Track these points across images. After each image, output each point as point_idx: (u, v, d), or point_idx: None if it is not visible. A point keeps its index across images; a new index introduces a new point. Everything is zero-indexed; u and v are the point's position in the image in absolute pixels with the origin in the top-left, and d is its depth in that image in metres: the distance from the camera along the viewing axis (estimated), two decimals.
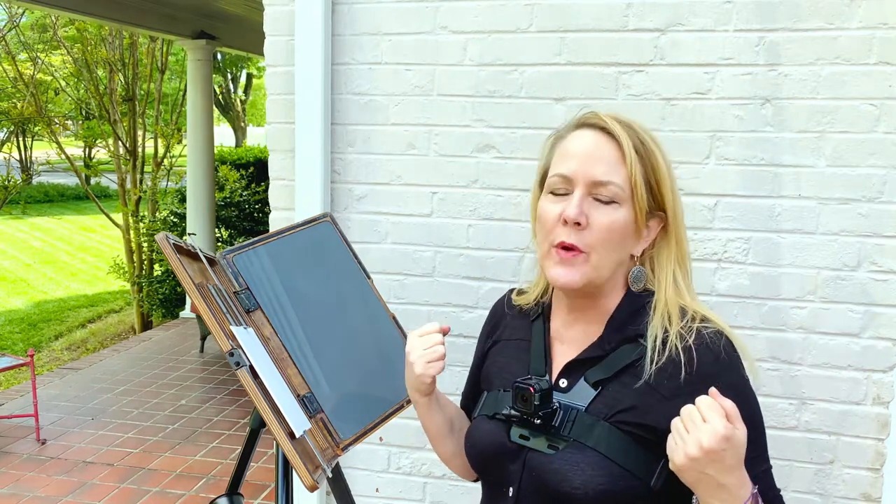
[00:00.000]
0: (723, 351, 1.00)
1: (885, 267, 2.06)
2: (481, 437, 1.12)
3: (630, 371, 1.02)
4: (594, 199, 1.01)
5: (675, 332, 1.00)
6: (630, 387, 1.01)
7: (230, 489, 1.14)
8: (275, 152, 2.44)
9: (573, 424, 1.02)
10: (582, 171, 1.01)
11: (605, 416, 1.01)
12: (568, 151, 1.04)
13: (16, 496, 3.59)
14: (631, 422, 1.00)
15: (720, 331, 1.02)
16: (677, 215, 1.06)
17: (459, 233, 2.34)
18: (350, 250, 1.28)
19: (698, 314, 1.03)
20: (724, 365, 0.99)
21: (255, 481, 3.71)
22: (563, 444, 1.01)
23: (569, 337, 1.10)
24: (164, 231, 1.05)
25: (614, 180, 1.00)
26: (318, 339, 1.19)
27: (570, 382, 1.06)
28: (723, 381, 0.97)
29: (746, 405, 0.98)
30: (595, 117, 1.05)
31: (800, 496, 2.16)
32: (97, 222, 14.61)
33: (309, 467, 1.01)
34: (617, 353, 1.04)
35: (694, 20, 2.10)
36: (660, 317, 1.02)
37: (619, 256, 1.03)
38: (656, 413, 0.99)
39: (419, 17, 2.29)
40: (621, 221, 1.01)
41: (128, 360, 5.88)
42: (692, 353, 0.99)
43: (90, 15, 6.20)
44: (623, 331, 1.05)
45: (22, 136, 10.85)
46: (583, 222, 1.00)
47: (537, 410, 1.01)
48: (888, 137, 2.02)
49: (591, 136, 1.03)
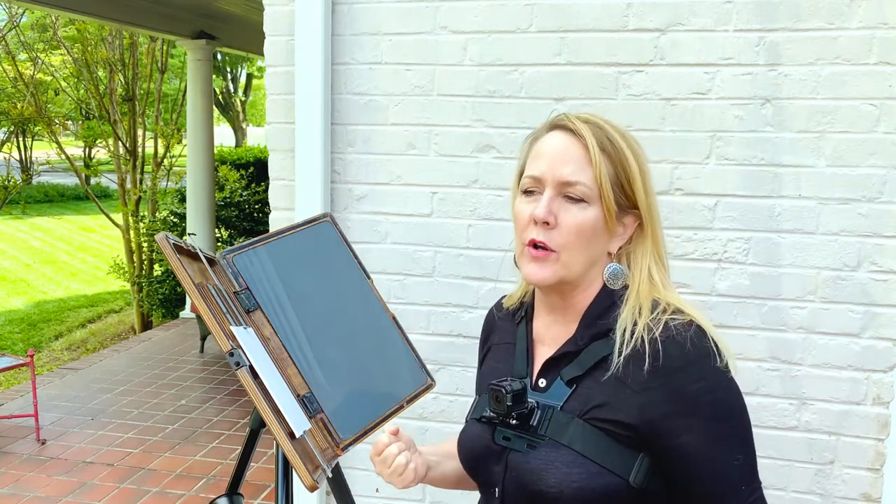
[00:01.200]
0: (688, 341, 0.99)
1: (885, 267, 2.06)
2: (470, 440, 1.14)
3: (602, 366, 1.03)
4: (564, 199, 1.03)
5: (644, 325, 1.01)
6: (602, 382, 1.02)
7: (230, 489, 1.14)
8: (275, 152, 2.44)
9: (549, 423, 1.03)
10: (550, 172, 1.03)
11: (579, 413, 1.02)
12: (539, 153, 1.06)
13: (16, 496, 3.59)
14: (604, 418, 1.00)
15: (690, 321, 1.01)
16: (652, 212, 1.07)
17: (459, 233, 2.34)
18: (350, 250, 1.28)
19: (671, 306, 1.03)
20: (691, 357, 0.98)
21: (255, 481, 3.71)
22: (539, 442, 1.03)
23: (549, 337, 1.12)
24: (163, 231, 1.05)
25: (581, 180, 1.02)
26: (318, 339, 1.19)
27: (547, 382, 1.07)
28: (690, 372, 0.98)
29: (720, 401, 0.99)
30: (564, 119, 1.07)
31: (800, 496, 2.16)
32: (97, 222, 14.61)
33: (309, 467, 1.01)
34: (589, 349, 1.05)
35: (694, 20, 2.10)
36: (629, 309, 1.03)
37: (590, 254, 1.04)
38: (628, 407, 0.99)
39: (419, 17, 2.29)
40: (591, 220, 1.02)
41: (128, 360, 5.88)
42: (657, 344, 0.99)
43: (90, 15, 6.20)
44: (595, 326, 1.05)
45: (22, 136, 10.85)
46: (551, 222, 1.02)
47: (510, 411, 1.03)
48: (888, 137, 2.02)
49: (560, 138, 1.05)
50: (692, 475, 0.99)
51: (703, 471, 0.99)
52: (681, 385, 0.98)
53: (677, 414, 0.98)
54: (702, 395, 0.98)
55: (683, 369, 0.98)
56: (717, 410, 0.99)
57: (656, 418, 0.98)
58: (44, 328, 8.86)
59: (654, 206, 1.08)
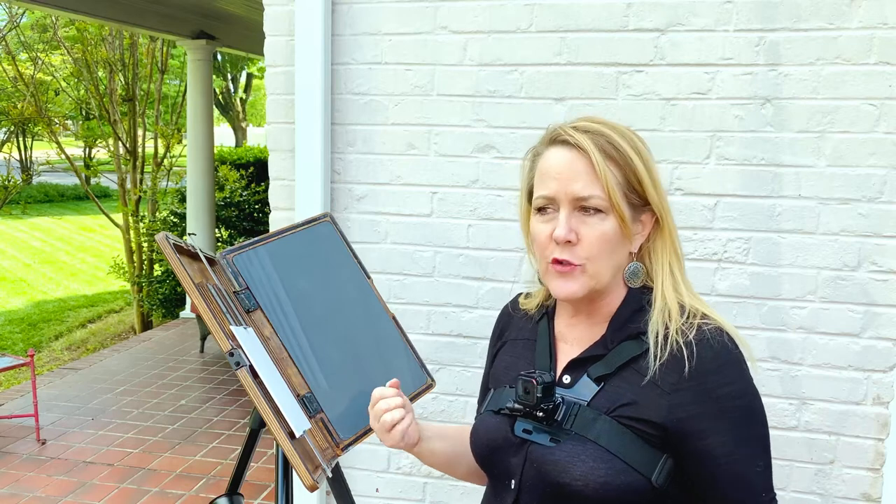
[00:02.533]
0: (723, 347, 1.02)
1: (885, 267, 2.06)
2: (486, 431, 1.14)
3: (631, 367, 1.04)
4: (581, 213, 1.03)
5: (676, 328, 1.02)
6: (631, 382, 1.03)
7: (230, 489, 1.14)
8: (275, 152, 2.44)
9: (575, 418, 1.04)
10: (563, 191, 1.03)
11: (607, 410, 1.03)
12: (545, 171, 1.07)
13: (16, 496, 3.59)
14: (631, 416, 1.02)
15: (720, 327, 1.04)
16: (665, 208, 1.08)
17: (459, 233, 2.34)
18: (350, 250, 1.28)
19: (698, 311, 1.05)
20: (724, 361, 1.01)
21: (255, 481, 3.71)
22: (564, 436, 1.03)
23: (572, 336, 1.13)
24: (164, 231, 1.05)
25: (594, 192, 1.02)
26: (318, 339, 1.19)
27: (573, 378, 1.08)
28: (722, 376, 1.00)
29: (748, 407, 1.01)
30: (562, 133, 1.06)
31: (800, 496, 2.16)
32: (97, 222, 14.61)
33: (309, 467, 1.01)
34: (618, 349, 1.06)
35: (694, 20, 2.10)
36: (659, 313, 1.04)
37: (615, 261, 1.06)
38: (656, 407, 1.01)
39: (419, 17, 2.29)
40: (611, 230, 1.03)
41: (128, 360, 5.88)
42: (693, 348, 1.01)
43: (90, 15, 6.20)
44: (625, 329, 1.07)
45: (22, 136, 10.85)
46: (573, 239, 1.03)
47: (539, 402, 1.04)
48: (888, 137, 2.02)
49: (562, 154, 1.05)
50: (715, 478, 1.01)
51: (726, 474, 1.00)
52: (712, 387, 1.00)
53: (706, 416, 0.99)
54: (732, 399, 1.00)
55: (715, 372, 1.00)
56: (745, 415, 1.01)
57: (685, 419, 1.00)
58: (44, 328, 8.86)
59: (666, 201, 1.09)
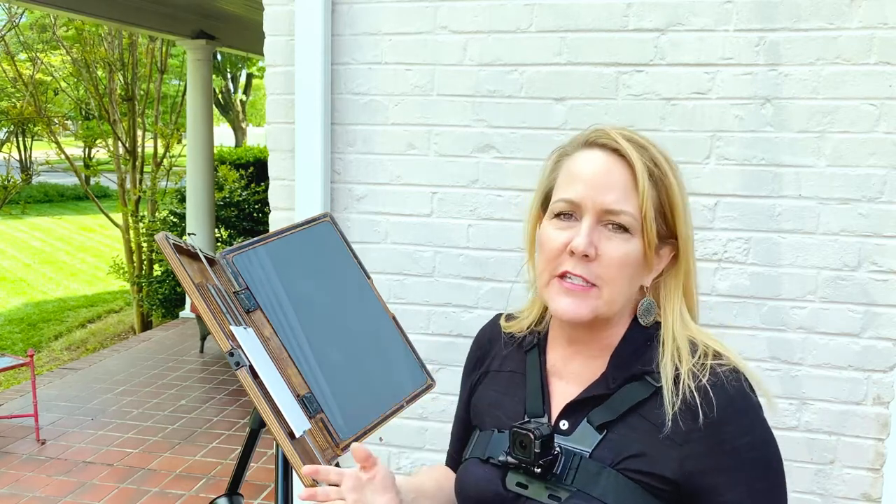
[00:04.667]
0: (739, 392, 0.92)
1: (885, 267, 2.06)
2: (476, 484, 1.02)
3: (637, 412, 0.94)
4: (605, 228, 0.93)
5: (687, 371, 0.92)
6: (638, 430, 0.93)
7: (230, 489, 1.13)
8: (275, 152, 2.44)
9: (577, 472, 0.93)
10: (591, 198, 0.92)
11: (612, 462, 0.92)
12: (575, 174, 0.95)
13: (15, 496, 3.59)
14: (640, 469, 0.91)
15: (736, 368, 0.94)
16: (689, 243, 0.97)
17: (459, 233, 2.34)
18: (350, 250, 1.28)
19: (710, 349, 0.95)
20: (740, 408, 0.92)
21: (255, 481, 3.71)
22: (564, 493, 0.92)
23: (568, 372, 1.01)
24: (163, 231, 1.05)
25: (626, 209, 0.92)
26: (318, 339, 1.19)
27: (571, 424, 0.97)
28: (738, 426, 0.91)
29: (765, 457, 0.93)
30: (606, 136, 0.95)
31: (800, 496, 2.16)
32: (97, 222, 14.61)
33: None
34: (622, 391, 0.95)
35: (694, 20, 2.10)
36: (670, 354, 0.94)
37: (631, 289, 0.96)
38: (668, 460, 0.91)
39: (419, 17, 2.28)
40: (634, 253, 0.93)
41: (128, 360, 5.88)
42: (707, 393, 0.91)
43: (90, 15, 6.20)
44: (629, 367, 0.96)
45: (22, 136, 10.85)
46: (591, 254, 0.91)
47: (538, 458, 0.92)
48: (888, 137, 2.02)
49: (601, 158, 0.94)
50: None
51: None
52: (727, 439, 0.90)
53: (722, 470, 0.90)
54: (749, 450, 0.91)
55: (730, 422, 0.91)
56: (763, 467, 0.93)
57: (698, 473, 0.90)
58: (44, 328, 8.86)
59: (692, 237, 0.99)
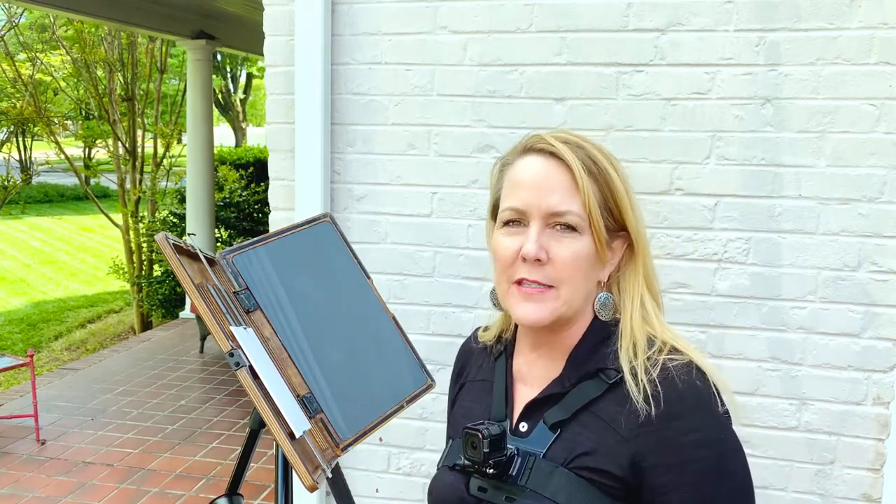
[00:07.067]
0: (687, 386, 0.90)
1: (885, 267, 2.06)
2: (442, 490, 1.04)
3: (590, 410, 0.94)
4: (553, 230, 0.94)
5: (640, 365, 0.91)
6: (590, 427, 0.93)
7: (230, 489, 1.13)
8: (275, 152, 2.44)
9: (531, 472, 0.93)
10: (535, 203, 0.93)
11: (564, 461, 0.92)
12: (517, 181, 0.97)
13: (15, 496, 3.59)
14: (591, 467, 0.91)
15: (689, 362, 0.92)
16: (640, 233, 0.98)
17: (459, 233, 2.34)
18: (350, 250, 1.28)
19: (667, 344, 0.94)
20: (690, 404, 0.90)
21: (255, 481, 3.71)
22: (520, 495, 0.93)
23: (532, 376, 1.02)
24: (163, 231, 1.05)
25: (571, 208, 0.93)
26: (318, 339, 1.19)
27: (529, 426, 0.97)
28: (686, 422, 0.89)
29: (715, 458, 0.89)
30: (541, 141, 0.97)
31: (800, 496, 2.16)
32: (97, 222, 14.61)
33: (309, 467, 1.01)
34: (576, 390, 0.95)
35: (694, 20, 2.10)
36: (625, 348, 0.94)
37: (587, 287, 0.96)
38: (617, 456, 0.90)
39: (419, 17, 2.28)
40: (585, 251, 0.93)
41: (127, 360, 5.88)
42: (657, 387, 0.90)
43: (90, 15, 6.20)
44: (585, 366, 0.96)
45: (21, 136, 10.86)
46: (543, 258, 0.93)
47: (487, 458, 0.93)
48: (888, 137, 2.02)
49: (540, 163, 0.96)
50: None
51: None
52: (674, 435, 0.89)
53: (667, 467, 0.89)
54: (696, 448, 0.89)
55: (678, 417, 0.89)
56: (711, 468, 0.89)
57: (645, 469, 0.89)
58: (44, 328, 8.86)
59: (643, 227, 0.99)
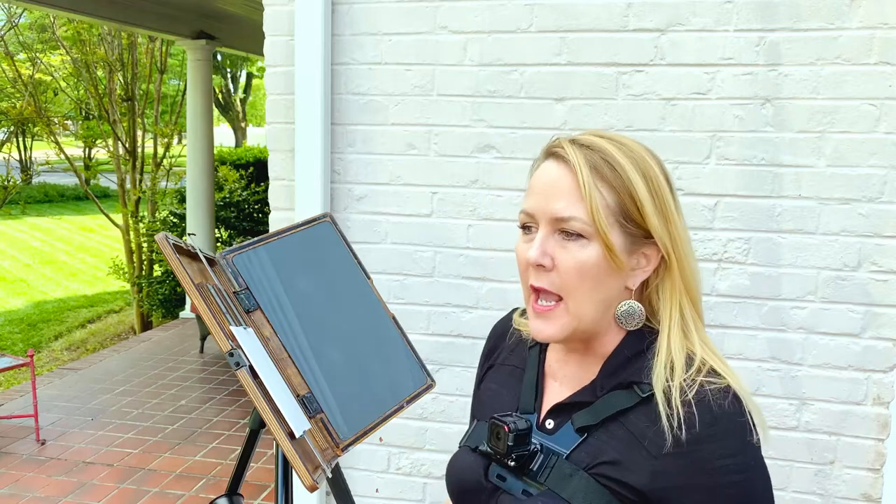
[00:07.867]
0: (725, 412, 0.87)
1: (885, 267, 2.06)
2: (461, 470, 1.04)
3: (619, 420, 0.92)
4: (560, 236, 0.91)
5: (676, 385, 0.89)
6: (617, 437, 0.91)
7: (230, 489, 1.13)
8: (275, 152, 2.44)
9: (551, 471, 0.92)
10: (541, 208, 0.92)
11: (587, 465, 0.91)
12: (531, 185, 0.96)
13: (15, 496, 3.59)
14: (612, 476, 0.90)
15: (727, 387, 0.89)
16: (676, 242, 0.92)
17: (459, 233, 2.34)
18: (350, 250, 1.28)
19: (706, 365, 0.91)
20: (724, 428, 0.87)
21: (255, 481, 3.71)
22: (536, 490, 0.93)
23: (563, 374, 1.01)
24: (163, 231, 1.05)
25: (576, 214, 0.89)
26: (318, 339, 1.19)
27: (556, 424, 0.97)
28: (720, 446, 0.86)
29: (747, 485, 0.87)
30: (557, 145, 0.94)
31: (800, 496, 2.16)
32: (97, 222, 14.62)
33: (309, 467, 1.01)
34: (607, 398, 0.94)
35: (694, 20, 2.10)
36: (662, 365, 0.91)
37: (601, 296, 0.92)
38: (641, 470, 0.88)
39: (419, 17, 2.28)
40: (593, 258, 0.90)
41: (128, 360, 5.88)
42: (692, 409, 0.87)
43: (90, 15, 6.20)
44: (618, 376, 0.94)
45: (21, 136, 10.86)
46: (546, 264, 0.91)
47: (510, 451, 0.93)
48: (888, 137, 2.02)
49: (551, 167, 0.93)
50: None
51: None
52: (705, 458, 0.86)
53: (694, 491, 0.86)
54: (728, 474, 0.86)
55: (711, 440, 0.86)
56: (743, 496, 0.87)
57: (669, 489, 0.87)
58: (44, 328, 8.86)
59: (679, 235, 0.93)
